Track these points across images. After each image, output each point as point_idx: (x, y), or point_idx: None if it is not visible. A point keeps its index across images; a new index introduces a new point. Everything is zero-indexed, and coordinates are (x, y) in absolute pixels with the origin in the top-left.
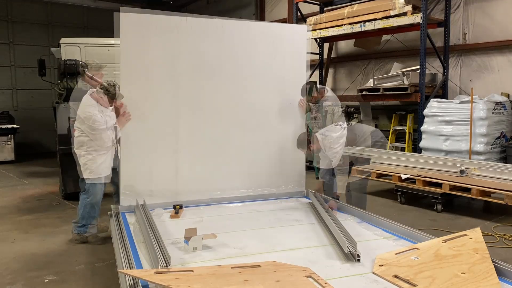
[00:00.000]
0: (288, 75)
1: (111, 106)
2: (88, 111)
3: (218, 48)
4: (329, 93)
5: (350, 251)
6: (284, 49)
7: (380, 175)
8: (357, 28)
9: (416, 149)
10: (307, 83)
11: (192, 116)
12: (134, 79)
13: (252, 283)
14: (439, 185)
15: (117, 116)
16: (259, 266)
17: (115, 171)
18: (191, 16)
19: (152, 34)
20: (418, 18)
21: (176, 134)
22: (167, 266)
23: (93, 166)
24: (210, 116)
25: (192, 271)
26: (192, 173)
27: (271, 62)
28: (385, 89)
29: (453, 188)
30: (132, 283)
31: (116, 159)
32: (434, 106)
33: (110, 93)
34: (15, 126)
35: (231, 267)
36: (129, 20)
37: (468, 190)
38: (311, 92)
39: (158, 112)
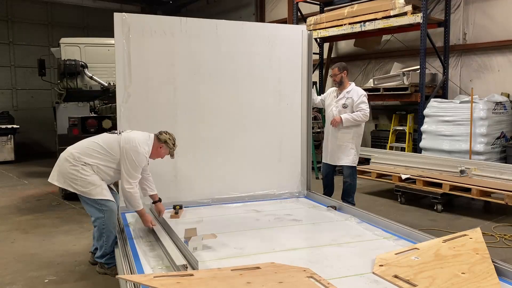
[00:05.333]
0: (286, 75)
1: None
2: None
3: (215, 49)
4: (353, 86)
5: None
6: (281, 49)
7: (380, 175)
8: (357, 28)
9: (416, 149)
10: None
11: (190, 118)
12: (131, 81)
13: (255, 285)
14: (439, 185)
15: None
16: (258, 268)
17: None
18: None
19: (149, 36)
20: (418, 18)
21: (174, 136)
22: (193, 268)
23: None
24: (208, 117)
25: (192, 275)
26: (192, 174)
27: (268, 62)
28: (385, 89)
29: (453, 188)
30: (133, 286)
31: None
32: (434, 106)
33: (172, 150)
34: (15, 126)
35: (231, 270)
36: (125, 21)
37: (468, 190)
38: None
39: (156, 115)
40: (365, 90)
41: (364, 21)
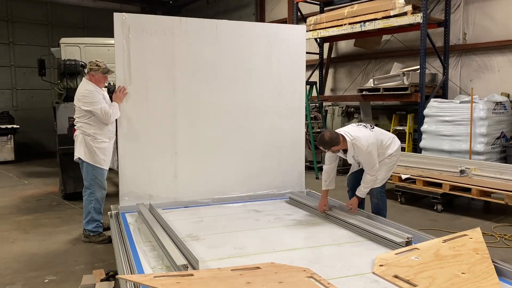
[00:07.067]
0: (286, 75)
1: (103, 84)
2: (85, 89)
3: (215, 49)
4: (350, 143)
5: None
6: (281, 49)
7: None
8: (357, 28)
9: (416, 149)
10: (307, 83)
11: (190, 118)
12: (131, 81)
13: (255, 285)
14: (439, 185)
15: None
16: (258, 268)
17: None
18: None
19: (149, 36)
20: (418, 18)
21: (174, 136)
22: (194, 268)
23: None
24: (209, 117)
25: (192, 275)
26: (191, 174)
27: (268, 62)
28: (385, 89)
29: (453, 188)
30: (133, 286)
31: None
32: (434, 106)
33: (101, 68)
34: (15, 126)
35: (231, 270)
36: (125, 21)
37: (468, 190)
38: (311, 92)
39: (156, 115)
40: (365, 90)
41: (364, 21)
